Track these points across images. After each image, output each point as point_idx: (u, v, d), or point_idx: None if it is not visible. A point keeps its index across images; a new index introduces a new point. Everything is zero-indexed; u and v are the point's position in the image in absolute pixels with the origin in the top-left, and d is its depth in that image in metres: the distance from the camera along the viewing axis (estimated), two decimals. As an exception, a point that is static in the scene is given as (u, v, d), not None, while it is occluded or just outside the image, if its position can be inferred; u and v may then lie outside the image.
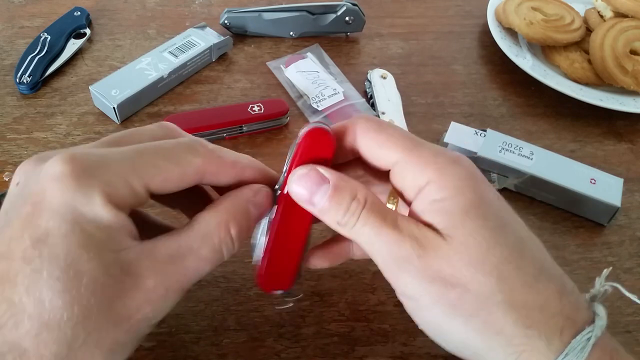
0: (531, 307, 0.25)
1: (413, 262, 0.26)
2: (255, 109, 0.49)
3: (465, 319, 0.25)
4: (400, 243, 0.26)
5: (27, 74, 0.51)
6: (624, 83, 0.53)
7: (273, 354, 0.36)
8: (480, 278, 0.25)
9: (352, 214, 0.27)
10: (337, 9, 0.58)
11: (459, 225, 0.26)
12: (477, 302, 0.25)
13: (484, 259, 0.25)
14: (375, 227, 0.27)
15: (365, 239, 0.27)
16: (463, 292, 0.25)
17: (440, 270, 0.25)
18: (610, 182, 0.45)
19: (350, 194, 0.27)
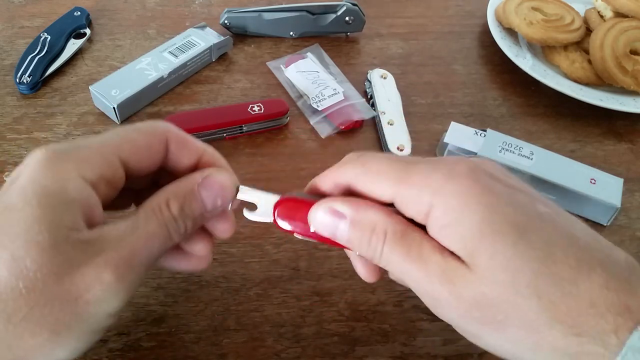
0: (577, 314, 0.23)
1: (445, 298, 0.25)
2: (255, 109, 0.49)
3: (516, 343, 0.24)
4: (428, 279, 0.25)
5: (27, 74, 0.51)
6: (624, 83, 0.53)
7: (273, 354, 0.36)
8: (519, 302, 0.23)
9: (374, 249, 0.27)
10: (337, 9, 0.58)
11: (478, 250, 0.24)
12: (523, 326, 0.24)
13: (516, 281, 0.23)
14: (400, 261, 0.26)
15: (394, 270, 0.27)
16: (505, 319, 0.24)
17: (476, 301, 0.24)
18: (610, 182, 0.45)
19: (368, 228, 0.27)
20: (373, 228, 0.26)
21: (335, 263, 0.41)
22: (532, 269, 0.23)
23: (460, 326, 0.26)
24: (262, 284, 0.39)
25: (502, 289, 0.24)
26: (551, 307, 0.23)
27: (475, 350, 0.37)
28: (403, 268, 0.26)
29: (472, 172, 0.26)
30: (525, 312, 0.23)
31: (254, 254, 0.41)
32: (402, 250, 0.26)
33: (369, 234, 0.26)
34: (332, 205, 0.27)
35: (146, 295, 0.38)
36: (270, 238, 0.42)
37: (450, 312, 0.26)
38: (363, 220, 0.27)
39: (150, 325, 0.37)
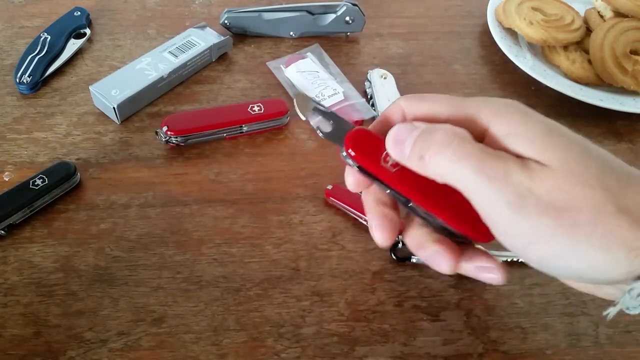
0: (636, 209, 0.25)
1: (525, 198, 0.25)
2: (255, 109, 0.49)
3: (587, 239, 0.25)
4: (508, 177, 0.26)
5: (27, 74, 0.51)
6: (624, 83, 0.53)
7: (273, 354, 0.36)
8: (588, 193, 0.25)
9: (440, 145, 0.27)
10: (337, 9, 0.58)
11: (549, 146, 0.26)
12: (592, 218, 0.25)
13: (585, 174, 0.25)
14: (476, 160, 0.26)
15: (466, 175, 0.26)
16: (576, 213, 0.25)
17: (552, 199, 0.25)
18: (610, 182, 0.44)
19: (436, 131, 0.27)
20: (444, 127, 0.27)
21: (335, 263, 0.41)
22: (597, 165, 0.26)
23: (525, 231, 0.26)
24: (262, 284, 0.39)
25: (575, 181, 0.25)
26: (614, 200, 0.25)
27: (475, 351, 0.37)
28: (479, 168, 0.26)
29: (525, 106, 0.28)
30: (595, 203, 0.25)
31: (254, 254, 0.41)
32: (477, 148, 0.26)
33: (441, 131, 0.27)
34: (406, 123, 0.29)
35: (146, 295, 0.38)
36: (270, 238, 0.42)
37: (527, 218, 0.25)
38: (434, 125, 0.28)
39: (150, 325, 0.37)
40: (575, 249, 0.25)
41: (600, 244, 0.25)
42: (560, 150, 0.26)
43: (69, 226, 0.42)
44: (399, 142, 0.28)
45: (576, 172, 0.26)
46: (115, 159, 0.47)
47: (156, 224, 0.42)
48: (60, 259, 0.40)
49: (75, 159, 0.46)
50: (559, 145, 0.26)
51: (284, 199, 0.45)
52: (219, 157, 0.47)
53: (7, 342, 0.36)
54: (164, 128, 0.47)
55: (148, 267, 0.40)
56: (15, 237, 0.41)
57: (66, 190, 0.44)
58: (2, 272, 0.39)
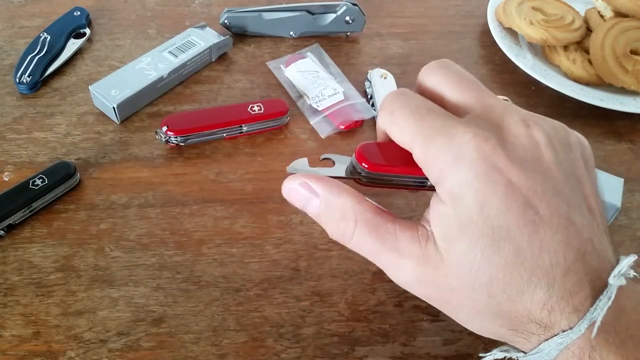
0: (515, 317, 0.26)
1: (414, 285, 0.28)
2: (255, 109, 0.49)
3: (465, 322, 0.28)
4: (401, 267, 0.27)
5: (26, 73, 0.51)
6: (624, 83, 0.53)
7: (273, 354, 0.36)
8: (473, 296, 0.26)
9: (343, 234, 0.28)
10: (337, 8, 0.58)
11: (456, 240, 0.26)
12: (472, 313, 0.27)
13: (476, 280, 0.26)
14: (373, 249, 0.28)
15: (367, 256, 0.28)
16: (460, 305, 0.27)
17: (439, 291, 0.27)
18: (610, 182, 0.44)
19: (339, 212, 0.28)
20: (343, 213, 0.28)
21: (335, 263, 0.41)
22: (490, 273, 0.25)
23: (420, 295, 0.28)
24: (262, 284, 0.39)
25: (463, 283, 0.26)
26: (496, 308, 0.26)
27: (475, 351, 0.37)
28: (376, 256, 0.28)
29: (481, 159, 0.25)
30: (476, 304, 0.26)
31: (254, 254, 0.41)
32: (375, 238, 0.28)
33: (339, 217, 0.28)
34: (307, 181, 0.29)
35: (146, 295, 0.38)
36: (270, 238, 0.42)
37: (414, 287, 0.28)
38: (336, 204, 0.28)
39: (150, 325, 0.37)
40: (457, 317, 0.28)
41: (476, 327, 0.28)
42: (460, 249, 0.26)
43: (69, 226, 0.42)
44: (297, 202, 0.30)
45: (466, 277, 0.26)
46: (115, 159, 0.47)
47: (156, 224, 0.42)
48: (60, 259, 0.40)
49: (75, 159, 0.46)
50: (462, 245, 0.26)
51: (283, 199, 0.44)
52: (218, 157, 0.47)
53: (6, 342, 0.36)
54: (164, 128, 0.47)
55: (148, 267, 0.40)
56: (15, 237, 0.41)
57: (66, 190, 0.44)
58: (1, 272, 0.39)
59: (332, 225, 0.28)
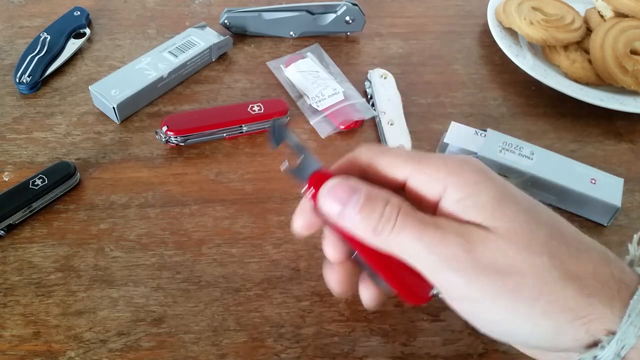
0: (585, 277, 0.25)
1: (463, 259, 0.25)
2: (255, 109, 0.49)
3: (530, 306, 0.25)
4: (445, 241, 0.25)
5: (26, 74, 0.51)
6: (624, 83, 0.53)
7: (273, 354, 0.36)
8: (534, 260, 0.25)
9: (388, 219, 0.26)
10: (337, 8, 0.58)
11: (496, 214, 0.26)
12: (536, 284, 0.25)
13: (532, 241, 0.25)
14: (415, 230, 0.26)
15: (406, 245, 0.26)
16: (520, 278, 0.25)
17: (493, 262, 0.25)
18: (610, 182, 0.45)
19: (383, 201, 0.27)
20: (387, 200, 0.27)
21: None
22: (545, 232, 0.26)
23: (469, 293, 0.26)
24: (262, 284, 0.39)
25: (518, 248, 0.25)
26: (562, 267, 0.25)
27: (475, 351, 0.37)
28: (418, 239, 0.26)
29: (482, 164, 0.28)
30: (540, 269, 0.25)
31: (254, 254, 0.41)
32: (417, 219, 0.26)
33: (382, 206, 0.26)
34: (349, 180, 0.28)
35: (146, 295, 0.38)
36: (270, 238, 0.42)
37: (467, 278, 0.25)
38: (377, 195, 0.27)
39: (150, 325, 0.37)
40: (517, 314, 0.25)
41: (543, 311, 0.25)
42: (508, 218, 0.26)
43: (69, 226, 0.42)
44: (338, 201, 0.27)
45: (522, 239, 0.25)
46: (115, 159, 0.47)
47: (156, 224, 0.42)
48: (59, 259, 0.40)
49: (75, 159, 0.46)
50: (507, 213, 0.26)
51: (284, 199, 0.45)
52: (218, 157, 0.47)
53: (6, 342, 0.36)
54: (164, 128, 0.47)
55: (148, 267, 0.40)
56: (15, 237, 0.41)
57: (66, 191, 0.44)
58: (1, 272, 0.39)
59: (375, 216, 0.26)
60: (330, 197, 0.27)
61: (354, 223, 0.27)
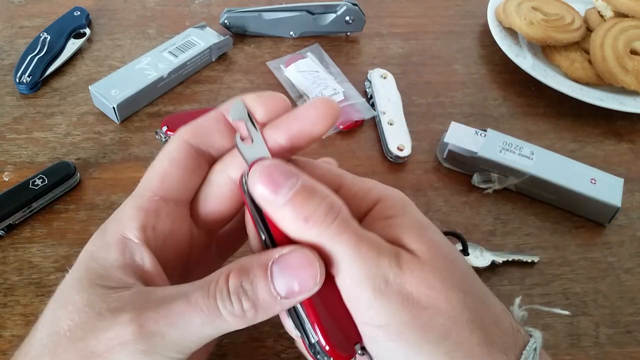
0: (490, 323, 0.25)
1: (391, 282, 0.24)
2: (255, 109, 0.49)
3: (436, 343, 0.24)
4: (379, 260, 0.24)
5: (26, 73, 0.51)
6: (624, 83, 0.53)
7: (273, 354, 0.36)
8: (450, 295, 0.24)
9: (326, 213, 0.24)
10: (337, 8, 0.58)
11: (422, 238, 0.25)
12: (447, 322, 0.24)
13: (452, 273, 0.25)
14: (354, 238, 0.24)
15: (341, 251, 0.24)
16: (434, 313, 0.24)
17: (414, 290, 0.24)
18: (610, 182, 0.45)
19: (323, 194, 0.24)
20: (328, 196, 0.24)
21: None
22: (461, 269, 0.26)
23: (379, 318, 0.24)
24: (262, 284, 0.39)
25: (440, 279, 0.24)
26: (473, 308, 0.25)
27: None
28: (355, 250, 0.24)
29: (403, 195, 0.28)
30: (454, 307, 0.24)
31: (254, 254, 0.41)
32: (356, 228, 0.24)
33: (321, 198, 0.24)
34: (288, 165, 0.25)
35: (146, 295, 0.38)
36: (270, 238, 0.42)
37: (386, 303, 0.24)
38: (320, 187, 0.24)
39: (150, 325, 0.37)
40: (419, 350, 0.24)
41: (447, 351, 0.24)
42: (432, 246, 0.25)
43: (69, 226, 0.42)
44: (272, 184, 0.24)
45: (444, 271, 0.25)
46: (115, 159, 0.47)
47: (156, 224, 0.42)
48: (60, 259, 0.40)
49: (75, 159, 0.46)
50: (432, 240, 0.26)
51: (284, 199, 0.45)
52: (218, 157, 0.47)
53: (6, 342, 0.36)
54: (164, 128, 0.47)
55: (148, 267, 0.40)
56: (14, 237, 0.41)
57: (66, 190, 0.44)
58: (1, 272, 0.39)
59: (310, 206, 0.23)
60: (262, 178, 0.24)
61: (283, 211, 0.24)
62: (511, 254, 0.42)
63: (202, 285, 0.24)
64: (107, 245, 0.26)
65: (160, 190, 0.27)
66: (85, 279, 0.25)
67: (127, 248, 0.26)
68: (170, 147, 0.28)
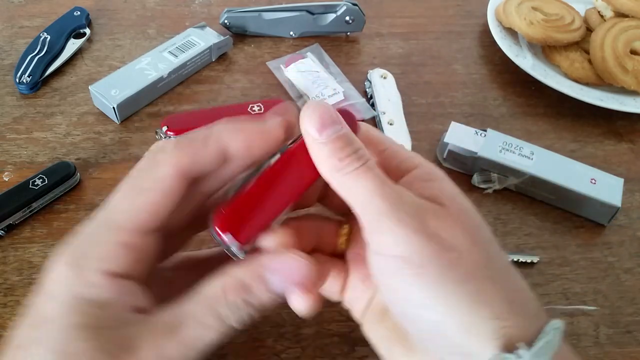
0: (513, 289, 0.26)
1: (412, 217, 0.25)
2: (255, 109, 0.49)
3: (458, 283, 0.24)
4: (403, 197, 0.25)
5: (26, 73, 0.51)
6: (624, 83, 0.53)
7: (273, 354, 0.36)
8: (475, 249, 0.25)
9: (357, 158, 0.26)
10: (337, 8, 0.58)
11: (454, 200, 0.27)
12: (470, 269, 0.24)
13: (478, 234, 0.26)
14: (377, 181, 0.25)
15: (360, 190, 0.25)
16: (458, 256, 0.24)
17: (438, 231, 0.25)
18: (610, 182, 0.45)
19: (358, 143, 0.27)
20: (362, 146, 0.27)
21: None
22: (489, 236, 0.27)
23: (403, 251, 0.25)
24: (262, 284, 0.39)
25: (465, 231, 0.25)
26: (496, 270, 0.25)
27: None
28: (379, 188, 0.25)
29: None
30: (476, 257, 0.25)
31: (254, 254, 0.41)
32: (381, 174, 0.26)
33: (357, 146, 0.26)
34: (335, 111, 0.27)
35: (146, 295, 0.38)
36: (270, 238, 0.42)
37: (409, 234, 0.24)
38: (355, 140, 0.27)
39: (150, 325, 0.37)
40: (439, 288, 0.24)
41: (468, 292, 0.24)
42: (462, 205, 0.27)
43: (69, 226, 0.42)
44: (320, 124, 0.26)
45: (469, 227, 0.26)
46: (115, 159, 0.47)
47: (156, 224, 0.42)
48: (60, 259, 0.40)
49: (75, 159, 0.46)
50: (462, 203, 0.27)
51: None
52: (218, 157, 0.47)
53: (6, 342, 0.36)
54: (164, 128, 0.47)
55: (148, 267, 0.40)
56: (14, 237, 0.41)
57: (66, 191, 0.44)
58: (2, 272, 0.39)
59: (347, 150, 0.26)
60: (313, 117, 0.26)
61: (323, 149, 0.26)
62: (511, 254, 0.42)
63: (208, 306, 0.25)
64: (92, 286, 0.24)
65: (146, 224, 0.25)
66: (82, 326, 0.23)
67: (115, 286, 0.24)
68: (163, 173, 0.25)
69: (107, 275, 0.24)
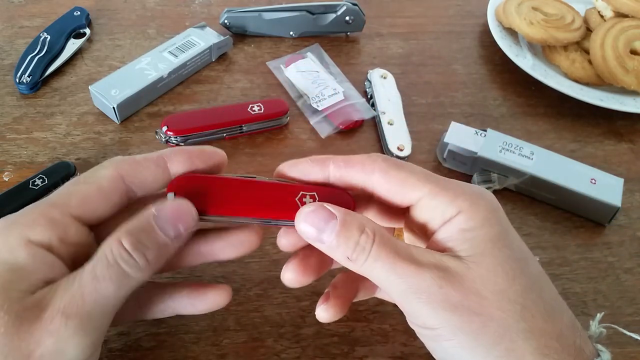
0: (550, 336, 0.25)
1: (434, 293, 0.26)
2: (255, 109, 0.49)
3: (487, 349, 0.25)
4: (419, 275, 0.26)
5: (26, 73, 0.51)
6: (624, 83, 0.53)
7: (273, 354, 0.36)
8: (505, 306, 0.25)
9: (363, 249, 0.27)
10: (337, 8, 0.58)
11: (487, 253, 0.26)
12: (500, 329, 0.25)
13: (510, 287, 0.26)
14: (389, 261, 0.26)
15: (379, 274, 0.27)
16: (487, 320, 0.25)
17: (464, 298, 0.25)
18: (610, 182, 0.45)
19: (358, 228, 0.27)
20: (362, 228, 0.27)
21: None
22: (526, 284, 0.26)
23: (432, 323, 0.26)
24: (262, 284, 0.39)
25: (494, 290, 0.26)
26: (531, 321, 0.25)
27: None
28: (391, 269, 0.26)
29: (496, 201, 0.29)
30: (506, 315, 0.25)
31: (254, 254, 0.41)
32: (392, 250, 0.27)
33: (357, 234, 0.27)
34: (324, 205, 0.28)
35: (146, 295, 0.38)
36: (270, 238, 0.42)
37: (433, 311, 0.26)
38: (353, 221, 0.27)
39: (150, 325, 0.37)
40: (473, 353, 0.25)
41: (499, 356, 0.25)
42: (496, 260, 0.26)
43: (69, 226, 0.42)
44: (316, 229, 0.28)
45: (501, 284, 0.26)
46: (115, 159, 0.47)
47: (156, 224, 0.42)
48: (60, 259, 0.40)
49: (75, 159, 0.46)
50: (497, 256, 0.27)
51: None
52: (218, 157, 0.47)
53: (6, 342, 0.36)
54: (164, 128, 0.47)
55: (148, 267, 0.40)
56: (15, 237, 0.41)
57: (66, 190, 0.44)
58: (1, 272, 0.39)
59: (350, 243, 0.27)
60: (307, 222, 0.28)
61: (330, 248, 0.28)
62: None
63: (99, 259, 0.26)
64: (13, 250, 0.26)
65: (76, 209, 0.28)
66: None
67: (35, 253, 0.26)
68: (104, 173, 0.29)
69: (27, 242, 0.26)
